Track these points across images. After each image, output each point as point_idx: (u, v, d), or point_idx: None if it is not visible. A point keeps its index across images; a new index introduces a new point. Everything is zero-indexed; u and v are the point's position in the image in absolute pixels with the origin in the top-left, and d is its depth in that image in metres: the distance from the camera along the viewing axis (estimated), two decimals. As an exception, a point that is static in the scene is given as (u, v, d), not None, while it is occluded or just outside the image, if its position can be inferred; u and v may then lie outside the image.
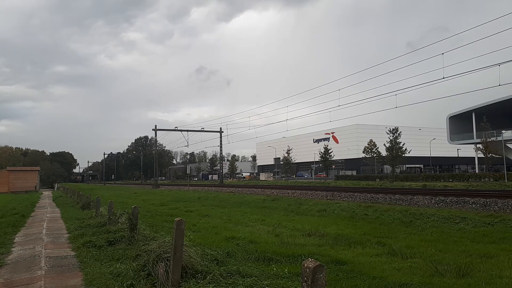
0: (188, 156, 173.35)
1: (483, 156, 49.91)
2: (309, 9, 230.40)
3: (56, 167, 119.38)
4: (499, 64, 19.71)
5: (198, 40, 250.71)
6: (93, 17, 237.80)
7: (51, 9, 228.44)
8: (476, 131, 57.95)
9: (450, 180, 50.65)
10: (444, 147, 78.70)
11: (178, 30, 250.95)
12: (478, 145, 55.18)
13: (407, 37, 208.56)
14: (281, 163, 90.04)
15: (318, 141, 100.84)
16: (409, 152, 57.67)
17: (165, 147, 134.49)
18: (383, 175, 65.19)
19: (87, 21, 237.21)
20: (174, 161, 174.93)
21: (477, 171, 60.79)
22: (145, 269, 5.55)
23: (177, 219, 5.09)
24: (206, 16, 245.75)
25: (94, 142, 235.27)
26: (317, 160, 79.11)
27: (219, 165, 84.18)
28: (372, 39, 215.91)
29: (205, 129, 62.91)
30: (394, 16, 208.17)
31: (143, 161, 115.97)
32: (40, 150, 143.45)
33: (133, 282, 5.40)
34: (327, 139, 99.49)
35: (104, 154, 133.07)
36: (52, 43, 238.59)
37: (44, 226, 13.03)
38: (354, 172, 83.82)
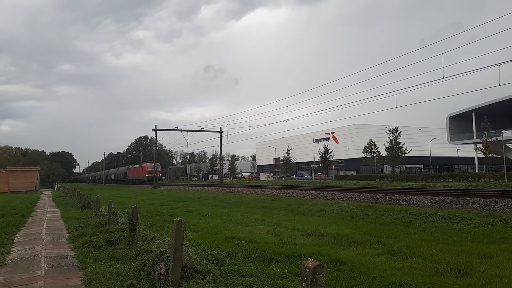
0: (188, 156, 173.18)
1: (483, 156, 49.89)
2: (322, 6, 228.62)
3: (56, 167, 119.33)
4: (499, 64, 19.73)
5: (207, 38, 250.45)
6: (101, 15, 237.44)
7: (59, 7, 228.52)
8: (476, 131, 57.97)
9: (450, 180, 50.64)
10: (444, 147, 78.75)
11: (186, 28, 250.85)
12: (478, 145, 55.20)
13: (421, 34, 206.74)
14: (281, 163, 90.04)
15: (318, 141, 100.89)
16: (409, 152, 57.67)
17: (165, 147, 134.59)
18: (383, 175, 65.19)
19: (95, 19, 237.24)
20: (174, 161, 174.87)
21: (477, 171, 60.77)
22: (145, 269, 5.55)
23: (177, 219, 5.09)
24: (216, 14, 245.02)
25: (94, 142, 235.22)
26: (317, 160, 79.14)
27: (219, 165, 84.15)
28: (385, 37, 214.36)
29: (205, 129, 62.86)
30: (408, 12, 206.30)
31: (143, 161, 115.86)
32: (40, 150, 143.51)
33: (133, 282, 5.40)
34: (327, 139, 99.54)
35: (104, 154, 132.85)
36: (59, 42, 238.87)
37: (44, 226, 13.03)
38: (354, 172, 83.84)
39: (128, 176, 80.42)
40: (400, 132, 56.34)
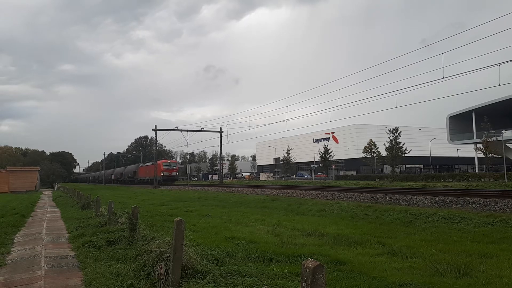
0: (188, 156, 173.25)
1: (483, 156, 49.91)
2: (322, 6, 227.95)
3: (56, 167, 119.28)
4: (499, 64, 19.73)
5: (207, 38, 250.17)
6: (101, 15, 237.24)
7: (59, 7, 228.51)
8: (476, 131, 57.99)
9: (450, 180, 50.65)
10: (444, 147, 78.78)
11: (187, 28, 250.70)
12: (478, 145, 55.22)
13: (421, 34, 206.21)
14: (281, 163, 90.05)
15: (318, 141, 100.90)
16: (409, 152, 57.69)
17: (165, 147, 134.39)
18: (383, 175, 65.20)
19: (96, 18, 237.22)
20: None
21: (477, 171, 60.79)
22: (145, 269, 5.56)
23: (177, 219, 5.09)
24: (216, 14, 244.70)
25: (94, 142, 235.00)
26: (317, 160, 79.16)
27: (219, 165, 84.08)
28: (385, 37, 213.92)
29: (205, 129, 62.81)
30: (408, 12, 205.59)
31: (143, 161, 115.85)
32: (40, 150, 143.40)
33: (133, 282, 5.40)
34: (327, 139, 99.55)
35: (104, 154, 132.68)
36: (59, 42, 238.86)
37: (44, 226, 13.03)
38: (354, 172, 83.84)
39: (138, 175, 72.15)
40: (400, 132, 56.36)
